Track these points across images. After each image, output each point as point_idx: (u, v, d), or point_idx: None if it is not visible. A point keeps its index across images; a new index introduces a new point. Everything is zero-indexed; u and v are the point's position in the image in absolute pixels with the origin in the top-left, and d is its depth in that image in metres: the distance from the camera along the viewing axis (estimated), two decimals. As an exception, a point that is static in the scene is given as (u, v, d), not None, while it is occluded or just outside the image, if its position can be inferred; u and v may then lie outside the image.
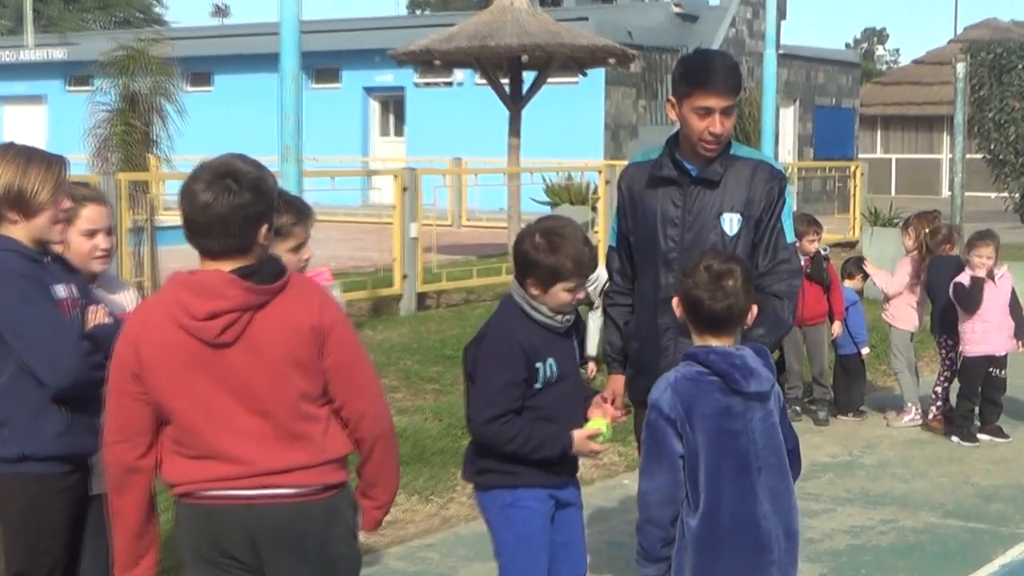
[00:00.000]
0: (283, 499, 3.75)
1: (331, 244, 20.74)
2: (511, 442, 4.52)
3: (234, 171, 3.72)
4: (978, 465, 8.95)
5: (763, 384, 4.01)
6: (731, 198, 5.00)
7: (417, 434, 8.82)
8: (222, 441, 3.73)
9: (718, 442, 3.97)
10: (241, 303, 3.69)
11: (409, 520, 7.32)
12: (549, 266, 4.52)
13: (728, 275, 4.07)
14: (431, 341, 12.64)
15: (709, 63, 4.99)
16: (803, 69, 37.00)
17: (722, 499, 3.98)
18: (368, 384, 3.93)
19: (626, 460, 8.74)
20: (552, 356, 4.59)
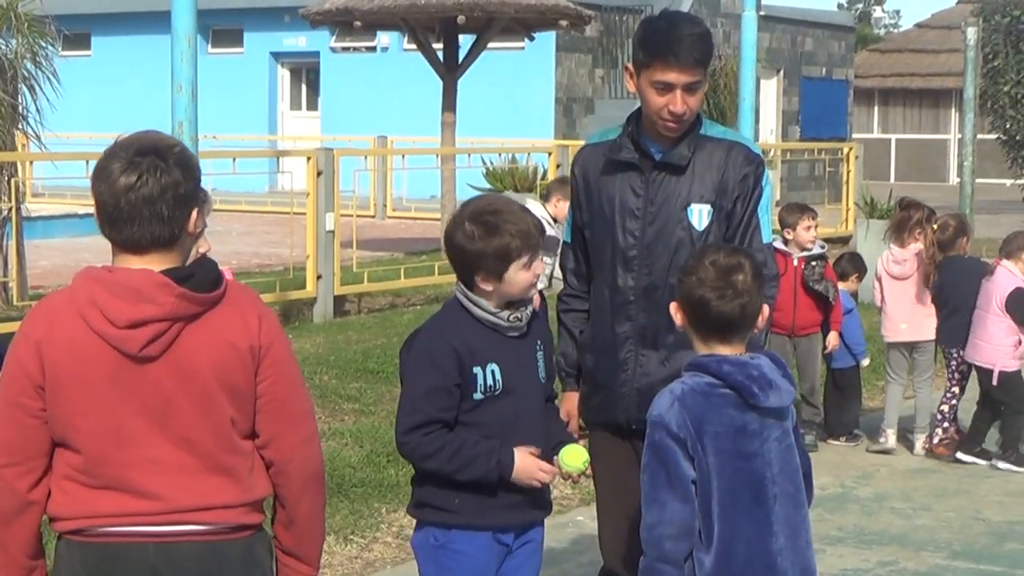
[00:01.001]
0: (195, 536, 3.70)
1: (232, 238, 20.71)
2: (433, 456, 4.52)
3: (159, 146, 3.67)
4: (990, 498, 9.03)
5: (783, 398, 4.06)
6: (700, 186, 4.99)
7: (335, 462, 8.81)
8: (132, 471, 3.66)
9: (732, 465, 3.99)
10: (173, 312, 3.62)
11: (326, 563, 7.30)
12: (495, 250, 4.52)
13: (738, 269, 4.09)
14: (351, 353, 12.64)
15: (672, 30, 4.96)
16: (788, 34, 37.22)
17: (736, 533, 4.00)
18: (301, 420, 3.87)
19: (580, 493, 8.77)
20: (495, 362, 4.57)
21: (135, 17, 33.07)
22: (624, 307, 4.96)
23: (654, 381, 4.82)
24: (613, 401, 5.05)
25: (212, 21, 32.42)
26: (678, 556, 4.00)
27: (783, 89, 37.28)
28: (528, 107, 30.40)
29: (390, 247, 20.37)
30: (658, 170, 5.00)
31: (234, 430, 3.73)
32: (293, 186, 17.72)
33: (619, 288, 5.01)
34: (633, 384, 4.99)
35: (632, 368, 4.94)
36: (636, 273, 4.99)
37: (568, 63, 31.71)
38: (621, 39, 32.98)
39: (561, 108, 31.52)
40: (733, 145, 5.09)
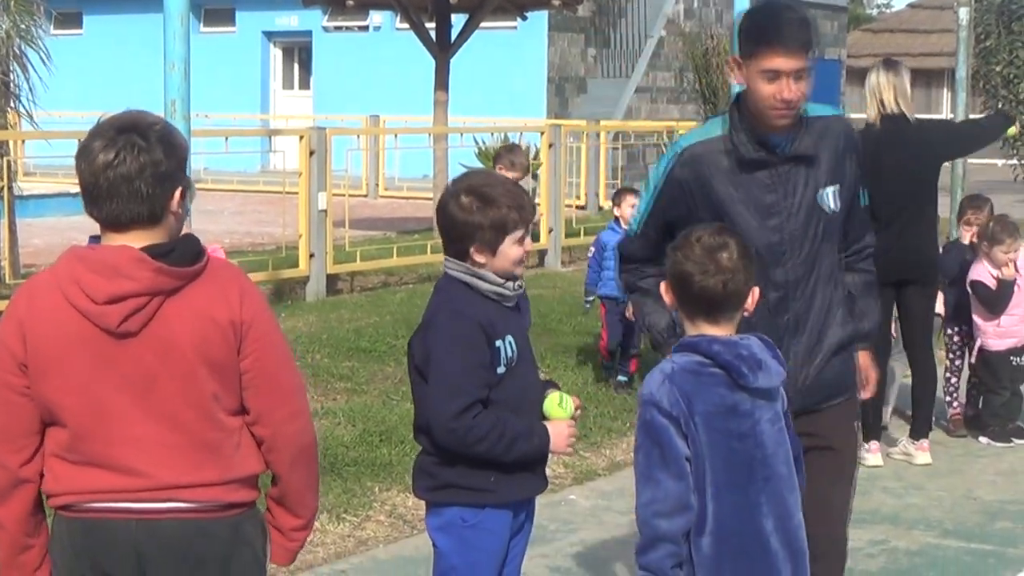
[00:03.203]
0: (180, 514, 3.71)
1: (225, 217, 20.71)
2: (485, 439, 4.44)
3: (139, 124, 3.66)
4: (981, 477, 9.05)
5: (772, 379, 4.05)
6: (825, 169, 5.01)
7: (327, 441, 8.81)
8: (115, 448, 3.67)
9: (724, 445, 3.99)
10: (150, 286, 3.62)
11: (319, 542, 7.32)
12: (492, 222, 4.51)
13: (723, 248, 4.08)
14: (343, 331, 12.64)
15: (776, 17, 4.92)
16: (780, 14, 37.12)
17: (728, 513, 4.00)
18: (290, 395, 3.87)
19: (573, 472, 8.78)
20: (510, 333, 4.57)
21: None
22: (784, 300, 4.95)
23: (815, 368, 5.04)
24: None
25: (204, 0, 32.32)
26: (675, 533, 3.98)
27: (775, 69, 37.23)
28: (520, 86, 30.37)
29: (382, 226, 20.36)
30: (787, 163, 4.97)
31: (218, 406, 3.73)
32: (285, 165, 17.68)
33: (776, 283, 4.94)
34: (800, 372, 4.99)
35: (796, 356, 4.95)
36: (787, 267, 4.96)
37: (560, 42, 31.68)
38: (613, 18, 32.96)
39: (553, 87, 31.50)
40: (831, 119, 5.11)
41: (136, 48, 30.37)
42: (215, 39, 33.71)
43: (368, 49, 32.57)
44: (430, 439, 4.57)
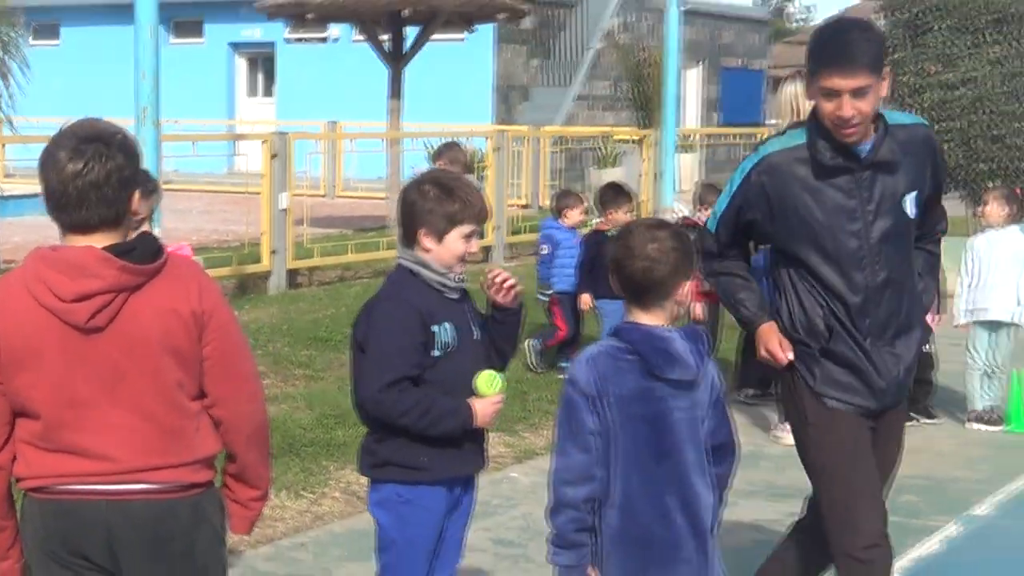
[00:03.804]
0: (147, 495, 3.71)
1: (193, 216, 20.60)
2: (408, 413, 4.50)
3: (103, 134, 3.66)
4: (890, 454, 9.12)
5: (687, 372, 4.00)
6: (908, 176, 4.85)
7: (287, 424, 8.82)
8: (86, 435, 3.67)
9: (632, 426, 3.99)
10: (115, 284, 3.62)
11: (278, 518, 7.31)
12: (444, 210, 4.56)
13: (652, 239, 4.04)
14: (302, 322, 12.61)
15: (836, 36, 4.75)
16: (708, 27, 37.28)
17: (633, 488, 4.00)
18: (246, 379, 3.90)
19: (514, 452, 8.81)
20: (448, 320, 4.60)
21: (101, 9, 32.75)
22: (866, 304, 4.82)
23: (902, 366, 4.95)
24: (866, 387, 4.94)
25: (174, 13, 32.13)
26: (576, 500, 4.02)
27: (704, 78, 37.36)
28: (468, 94, 30.35)
29: (340, 224, 20.30)
30: (868, 169, 4.80)
31: (181, 393, 3.74)
32: (249, 167, 17.65)
33: (856, 287, 4.82)
34: (887, 372, 4.91)
35: (880, 357, 4.87)
36: (868, 271, 4.82)
37: (506, 53, 31.66)
38: (555, 31, 32.97)
39: (499, 95, 31.48)
40: (917, 129, 4.95)
41: (110, 58, 30.12)
42: (184, 49, 33.55)
43: (327, 59, 32.47)
44: (362, 411, 4.65)
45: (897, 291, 4.86)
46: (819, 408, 4.95)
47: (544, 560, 6.35)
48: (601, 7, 33.40)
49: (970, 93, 19.72)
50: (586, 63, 32.72)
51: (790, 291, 4.91)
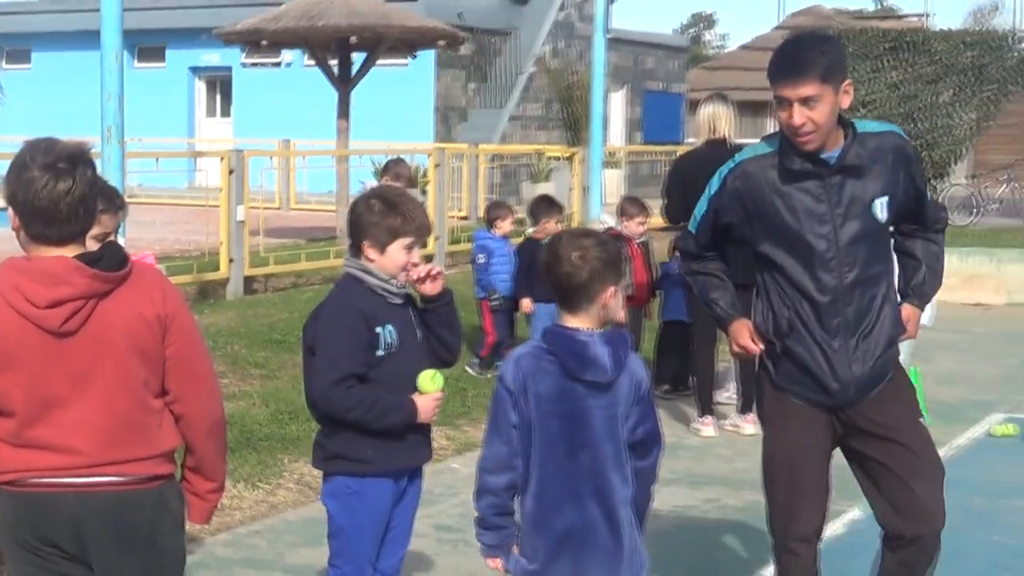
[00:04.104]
0: (111, 487, 3.69)
1: (156, 227, 20.43)
2: (356, 408, 4.51)
3: (75, 153, 3.64)
4: (799, 444, 9.16)
5: (600, 375, 3.97)
6: (877, 181, 4.67)
7: (244, 420, 8.77)
8: (57, 431, 3.64)
9: (549, 422, 3.98)
10: (87, 291, 3.60)
11: (236, 507, 7.28)
12: (387, 224, 4.57)
13: (579, 248, 4.01)
14: (258, 325, 12.55)
15: (783, 49, 4.66)
16: (632, 53, 37.42)
17: (550, 478, 4.00)
18: (205, 378, 3.89)
19: (455, 444, 8.80)
20: (391, 323, 4.60)
21: (70, 35, 32.48)
22: (834, 304, 4.65)
23: (868, 364, 4.73)
24: (825, 385, 4.74)
25: (138, 40, 31.89)
26: (498, 487, 4.04)
27: (628, 100, 37.50)
28: (411, 115, 30.30)
29: (293, 235, 20.21)
30: (837, 174, 4.62)
31: (146, 391, 3.73)
32: (209, 182, 17.51)
33: (825, 287, 4.66)
34: (845, 372, 4.71)
35: (846, 357, 4.68)
36: (836, 272, 4.64)
37: (446, 77, 31.65)
38: (491, 57, 32.98)
39: (439, 116, 31.46)
40: (888, 136, 4.73)
41: (78, 81, 29.90)
42: (147, 73, 33.35)
43: (280, 82, 32.36)
44: (313, 407, 4.66)
45: (867, 291, 4.70)
46: (777, 403, 4.86)
47: (482, 544, 6.34)
48: (533, 35, 33.46)
49: (870, 114, 19.90)
50: (519, 86, 32.76)
51: (763, 291, 4.83)
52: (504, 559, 4.12)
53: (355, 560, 4.70)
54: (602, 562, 4.01)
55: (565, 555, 4.01)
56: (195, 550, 6.44)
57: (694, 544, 6.90)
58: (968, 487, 7.86)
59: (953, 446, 9.11)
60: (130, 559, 3.74)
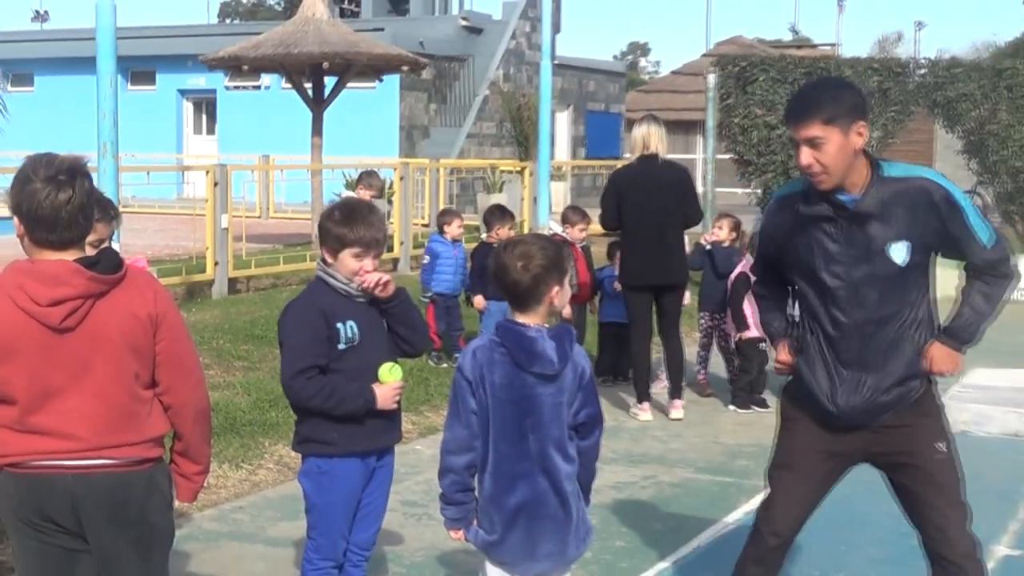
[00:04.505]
0: (106, 468, 3.68)
1: (148, 234, 20.29)
2: (315, 396, 4.51)
3: (73, 166, 3.64)
4: (726, 427, 9.22)
5: (546, 367, 3.95)
6: (895, 226, 4.27)
7: (228, 407, 8.73)
8: (56, 418, 3.63)
9: (502, 408, 3.98)
10: (85, 291, 3.60)
11: (221, 485, 7.23)
12: (336, 233, 4.57)
13: (520, 256, 3.98)
14: (241, 322, 12.48)
15: (798, 91, 4.43)
16: (576, 78, 37.50)
17: (504, 459, 4.00)
18: (192, 371, 3.87)
19: (419, 428, 8.78)
20: (352, 319, 4.58)
21: (69, 61, 32.26)
22: (841, 339, 4.37)
23: (874, 397, 4.39)
24: (824, 408, 4.46)
25: (131, 65, 31.68)
26: (459, 467, 4.04)
27: (572, 120, 37.56)
28: (378, 133, 30.23)
29: (272, 240, 20.12)
30: (852, 219, 4.29)
31: (137, 383, 3.71)
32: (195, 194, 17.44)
33: (837, 323, 4.38)
34: (845, 402, 4.41)
35: (851, 387, 4.38)
36: (844, 310, 4.34)
37: (409, 99, 31.58)
38: (449, 81, 32.95)
39: (404, 133, 31.39)
40: (914, 181, 4.29)
41: (76, 102, 29.70)
42: (139, 95, 33.13)
43: (260, 103, 32.21)
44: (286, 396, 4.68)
45: (880, 329, 4.35)
46: (789, 410, 4.65)
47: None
48: (487, 61, 33.45)
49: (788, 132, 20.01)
50: (475, 107, 32.74)
51: (798, 314, 4.63)
52: (465, 531, 4.12)
53: (327, 533, 4.69)
54: (553, 530, 4.02)
55: (519, 525, 4.01)
56: (184, 524, 6.41)
57: (633, 516, 6.91)
58: (876, 464, 7.94)
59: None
60: (123, 534, 3.73)
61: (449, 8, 38.21)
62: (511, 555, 4.03)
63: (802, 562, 6.17)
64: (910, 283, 4.35)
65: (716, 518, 6.89)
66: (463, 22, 34.01)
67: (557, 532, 4.02)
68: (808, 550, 6.34)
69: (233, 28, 44.23)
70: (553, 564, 4.06)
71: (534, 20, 33.52)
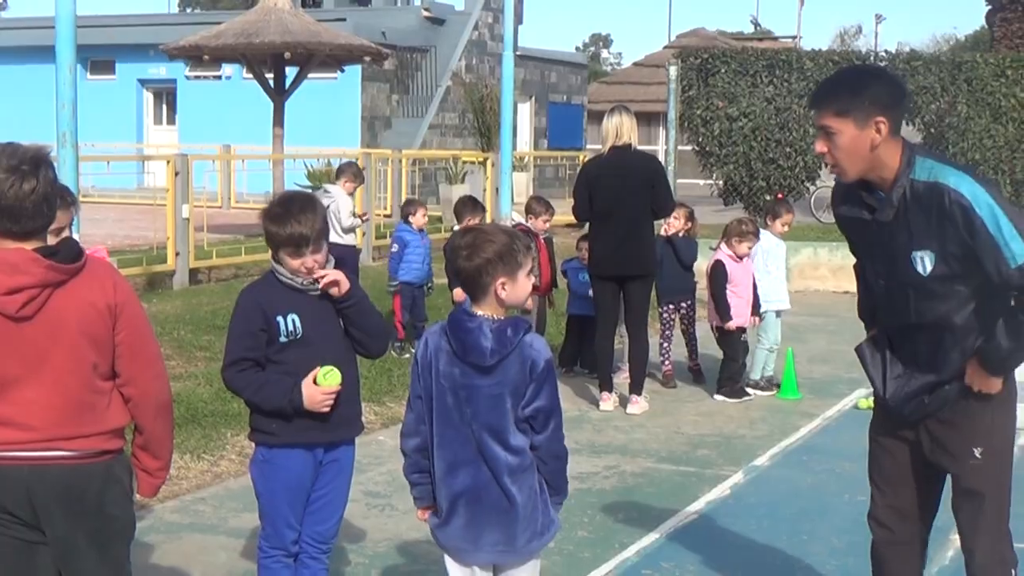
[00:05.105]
0: (62, 460, 3.64)
1: (108, 224, 20.14)
2: (244, 390, 4.55)
3: (37, 156, 3.61)
4: (687, 417, 9.24)
5: (480, 359, 3.92)
6: (917, 235, 4.04)
7: (190, 398, 8.68)
8: (12, 408, 3.59)
9: (444, 395, 3.98)
10: (42, 280, 3.57)
11: (183, 476, 7.19)
12: (268, 232, 4.55)
13: (466, 246, 3.96)
14: (202, 313, 12.43)
15: (826, 78, 4.28)
16: (538, 69, 37.46)
17: (447, 444, 4.00)
18: (152, 362, 3.83)
19: (381, 419, 8.76)
20: (295, 312, 4.52)
21: (28, 50, 31.95)
22: (886, 337, 4.31)
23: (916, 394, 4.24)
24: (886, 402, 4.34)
25: (90, 54, 31.40)
26: (411, 449, 4.09)
27: (534, 111, 37.54)
28: (340, 123, 30.11)
29: (233, 231, 20.02)
30: (879, 221, 4.13)
31: (95, 373, 3.68)
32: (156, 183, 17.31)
33: (882, 319, 4.33)
34: (894, 395, 4.30)
35: (901, 382, 4.26)
36: (888, 309, 4.27)
37: (371, 90, 31.47)
38: (411, 71, 32.86)
39: (366, 124, 31.28)
40: (933, 186, 3.99)
41: (34, 92, 29.40)
42: (99, 84, 32.87)
43: (221, 93, 32.02)
44: None
45: (917, 335, 4.20)
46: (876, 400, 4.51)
47: (405, 507, 6.34)
48: (449, 52, 33.38)
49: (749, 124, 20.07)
50: (437, 98, 32.67)
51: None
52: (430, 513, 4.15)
53: (272, 520, 4.69)
54: (495, 519, 4.00)
55: (460, 511, 4.02)
56: (145, 516, 6.37)
57: (596, 506, 6.92)
58: (837, 454, 7.98)
59: (824, 417, 9.24)
60: (79, 526, 3.70)
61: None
62: (455, 540, 4.05)
63: (764, 552, 6.20)
64: (942, 294, 4.09)
65: (678, 507, 6.90)
66: (425, 13, 33.91)
67: (499, 520, 4.00)
68: (770, 540, 6.37)
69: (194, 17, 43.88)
70: (501, 555, 4.04)
71: (496, 11, 33.48)
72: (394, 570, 5.88)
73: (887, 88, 4.09)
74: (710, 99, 20.29)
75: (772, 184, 20.36)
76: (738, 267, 9.78)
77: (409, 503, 4.35)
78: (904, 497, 4.43)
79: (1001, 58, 21.24)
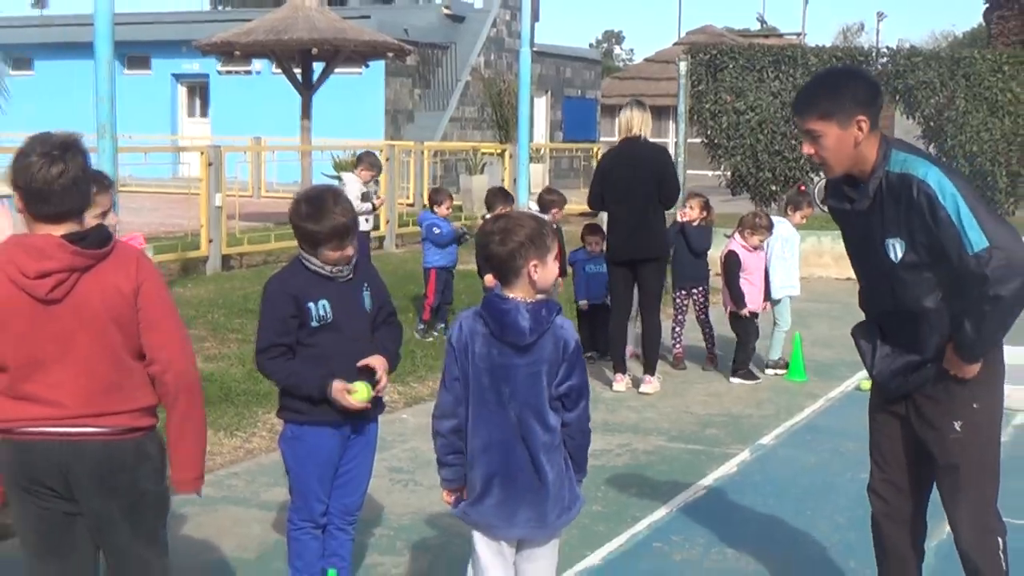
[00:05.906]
0: (95, 436, 3.66)
1: (144, 212, 20.19)
2: (275, 374, 4.57)
3: (67, 141, 3.62)
4: (697, 398, 9.23)
5: (519, 339, 3.91)
6: (889, 223, 4.09)
7: (223, 378, 8.70)
8: (45, 387, 3.61)
9: (480, 376, 3.96)
10: (69, 265, 3.58)
11: (217, 452, 7.21)
12: (310, 234, 4.51)
13: (499, 231, 3.95)
14: (234, 296, 12.45)
15: (806, 83, 4.26)
16: (553, 65, 37.41)
17: (483, 424, 3.97)
18: (172, 335, 3.76)
19: (404, 398, 8.77)
20: (325, 299, 4.53)
21: (68, 46, 32.03)
22: (878, 320, 4.31)
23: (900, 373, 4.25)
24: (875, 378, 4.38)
25: (127, 50, 31.48)
26: (445, 430, 4.03)
27: (550, 105, 37.49)
28: (364, 116, 30.14)
29: (263, 219, 20.04)
30: (860, 212, 4.18)
31: (122, 355, 3.67)
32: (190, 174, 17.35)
33: (874, 303, 4.34)
34: (881, 371, 4.31)
35: (886, 359, 4.28)
36: (874, 295, 4.30)
37: (394, 84, 31.48)
38: (432, 67, 32.85)
39: (389, 117, 31.30)
40: (903, 177, 4.03)
41: (74, 85, 29.46)
42: (136, 79, 32.92)
43: (251, 88, 32.04)
44: None
45: (898, 319, 4.22)
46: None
47: (428, 483, 6.34)
48: (469, 48, 33.34)
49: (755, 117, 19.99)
50: (458, 92, 32.66)
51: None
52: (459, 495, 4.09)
53: (303, 494, 4.71)
54: (528, 497, 3.98)
55: (494, 490, 3.99)
56: (181, 490, 6.38)
57: (609, 482, 6.92)
58: (840, 433, 7.96)
59: (828, 398, 9.22)
60: (113, 500, 3.71)
61: (432, -3, 38.09)
62: (488, 518, 4.01)
63: (770, 526, 6.19)
64: (912, 280, 4.11)
65: (688, 484, 6.90)
66: (446, 11, 33.86)
67: (532, 498, 3.98)
68: (775, 515, 6.36)
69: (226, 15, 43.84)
70: (532, 530, 4.03)
71: (513, 9, 33.42)
72: (418, 542, 5.89)
73: (864, 87, 4.14)
74: (718, 93, 20.21)
75: (778, 175, 20.29)
76: (751, 256, 9.78)
77: (432, 479, 4.35)
78: (899, 472, 4.44)
79: (998, 54, 21.10)
